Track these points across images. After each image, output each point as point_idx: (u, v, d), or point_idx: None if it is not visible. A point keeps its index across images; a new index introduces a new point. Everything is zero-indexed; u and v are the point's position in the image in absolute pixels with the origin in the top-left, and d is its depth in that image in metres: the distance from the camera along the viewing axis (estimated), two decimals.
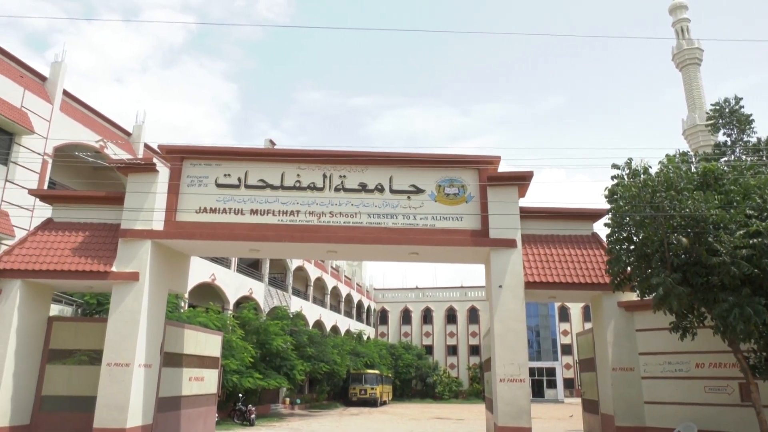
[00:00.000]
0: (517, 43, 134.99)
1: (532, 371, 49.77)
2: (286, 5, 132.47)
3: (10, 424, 11.49)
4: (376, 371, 42.19)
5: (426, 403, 46.50)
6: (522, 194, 13.22)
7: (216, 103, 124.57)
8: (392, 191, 12.93)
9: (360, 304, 57.42)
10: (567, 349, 55.50)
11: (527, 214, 13.17)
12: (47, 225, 12.99)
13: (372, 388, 40.07)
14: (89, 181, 23.06)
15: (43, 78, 21.30)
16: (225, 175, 12.95)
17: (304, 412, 32.76)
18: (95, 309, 17.80)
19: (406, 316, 61.67)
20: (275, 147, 29.74)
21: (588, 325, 48.90)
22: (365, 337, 51.44)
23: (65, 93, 21.90)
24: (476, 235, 12.65)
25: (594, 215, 13.55)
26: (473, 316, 59.65)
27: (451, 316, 60.24)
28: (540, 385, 52.16)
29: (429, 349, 58.39)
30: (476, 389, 52.53)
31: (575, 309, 57.05)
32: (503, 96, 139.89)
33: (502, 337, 12.08)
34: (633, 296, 12.40)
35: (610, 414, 12.47)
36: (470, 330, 59.00)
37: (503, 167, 13.31)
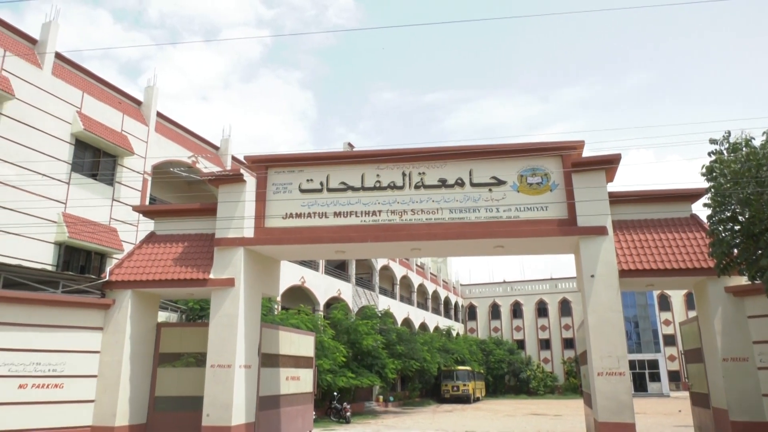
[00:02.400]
0: (594, 21, 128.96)
1: (632, 364, 47.44)
2: (354, 9, 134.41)
3: (129, 423, 12.47)
4: (468, 368, 41.84)
5: (520, 399, 45.53)
6: (610, 178, 12.61)
7: (294, 112, 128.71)
8: (473, 185, 12.76)
9: (447, 301, 57.19)
10: (670, 340, 52.41)
11: (617, 198, 12.55)
12: (150, 238, 13.97)
13: (464, 385, 39.79)
14: (184, 194, 24.58)
15: (138, 102, 22.95)
16: (308, 180, 13.34)
17: (397, 410, 33.09)
18: (198, 314, 18.95)
19: (495, 311, 60.71)
20: (354, 149, 30.27)
21: (692, 314, 45.67)
22: (454, 334, 51.16)
23: (158, 114, 23.48)
24: (563, 224, 12.22)
25: (692, 195, 12.66)
26: (565, 308, 57.68)
27: (541, 309, 58.61)
28: (642, 378, 49.50)
29: (520, 344, 57.13)
30: (573, 384, 50.74)
31: (676, 297, 53.73)
32: (583, 78, 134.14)
33: (597, 329, 11.59)
34: (742, 280, 11.48)
35: (723, 408, 11.62)
36: (563, 323, 57.10)
37: (587, 152, 12.77)
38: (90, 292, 12.98)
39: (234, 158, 27.25)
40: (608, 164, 12.24)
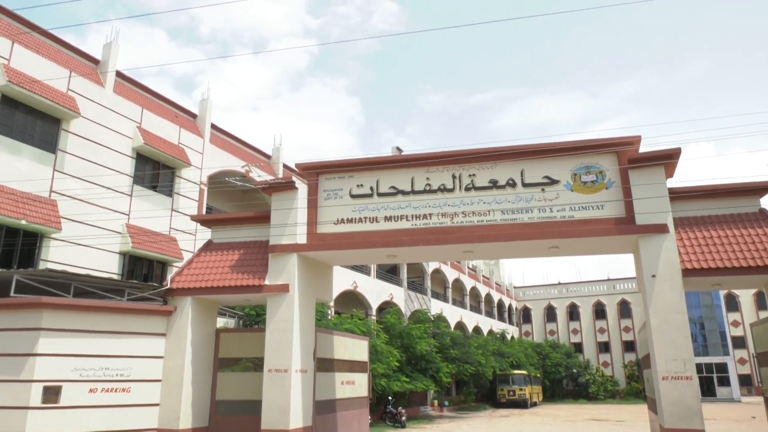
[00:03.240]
0: (644, 10, 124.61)
1: (699, 368, 45.21)
2: (399, 14, 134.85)
3: (192, 426, 12.86)
4: (524, 371, 41.04)
5: (579, 404, 44.27)
6: (669, 174, 12.13)
7: (342, 118, 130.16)
8: (525, 185, 12.54)
9: (500, 304, 56.36)
10: (739, 342, 49.74)
11: (678, 195, 12.05)
12: (208, 246, 14.41)
13: (520, 389, 39.04)
14: (239, 203, 25.25)
15: (193, 115, 23.77)
16: (358, 185, 13.44)
17: (452, 414, 32.81)
18: (254, 320, 19.40)
19: (550, 314, 59.35)
20: (402, 153, 30.32)
21: (763, 314, 43.41)
22: (509, 337, 50.32)
23: (212, 126, 24.24)
24: (621, 223, 11.83)
25: (761, 189, 11.98)
26: (624, 309, 55.75)
27: (599, 311, 56.86)
28: (710, 382, 47.19)
29: (578, 347, 55.59)
30: (635, 388, 48.93)
31: (745, 296, 50.99)
32: (635, 71, 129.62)
33: (660, 331, 11.15)
34: None
35: None
36: (622, 325, 55.20)
37: (643, 148, 12.32)
38: (153, 299, 13.50)
39: (285, 166, 27.80)
40: (667, 159, 11.78)
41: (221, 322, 17.82)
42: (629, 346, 53.50)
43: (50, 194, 16.57)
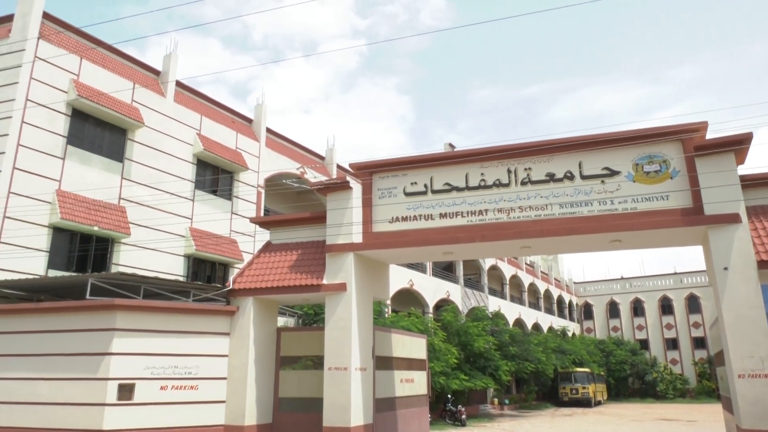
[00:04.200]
0: None
1: None
2: (446, 9, 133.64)
3: (257, 423, 13.22)
4: (587, 369, 39.93)
5: (647, 403, 42.64)
6: (740, 161, 11.47)
7: (393, 117, 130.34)
8: (583, 177, 12.18)
9: (560, 300, 55.04)
10: None
11: (751, 182, 11.39)
12: (267, 247, 14.77)
13: (584, 388, 38.01)
14: (295, 204, 25.77)
15: (249, 120, 24.41)
16: (412, 183, 13.43)
17: (513, 413, 32.31)
18: (312, 319, 19.75)
19: (613, 309, 57.41)
20: (455, 149, 30.08)
21: None
22: (570, 334, 49.07)
23: (268, 130, 24.83)
24: (688, 214, 11.30)
25: None
26: (693, 304, 53.23)
27: (665, 306, 54.52)
28: None
29: (644, 344, 53.50)
30: (706, 387, 46.63)
31: None
32: (698, 54, 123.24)
33: (734, 327, 10.57)
34: None
35: None
36: (691, 320, 52.71)
37: (709, 134, 11.71)
38: (216, 300, 13.97)
39: (339, 166, 28.14)
40: (738, 145, 11.15)
41: (281, 321, 18.23)
42: (699, 343, 51.08)
43: (119, 201, 17.42)
